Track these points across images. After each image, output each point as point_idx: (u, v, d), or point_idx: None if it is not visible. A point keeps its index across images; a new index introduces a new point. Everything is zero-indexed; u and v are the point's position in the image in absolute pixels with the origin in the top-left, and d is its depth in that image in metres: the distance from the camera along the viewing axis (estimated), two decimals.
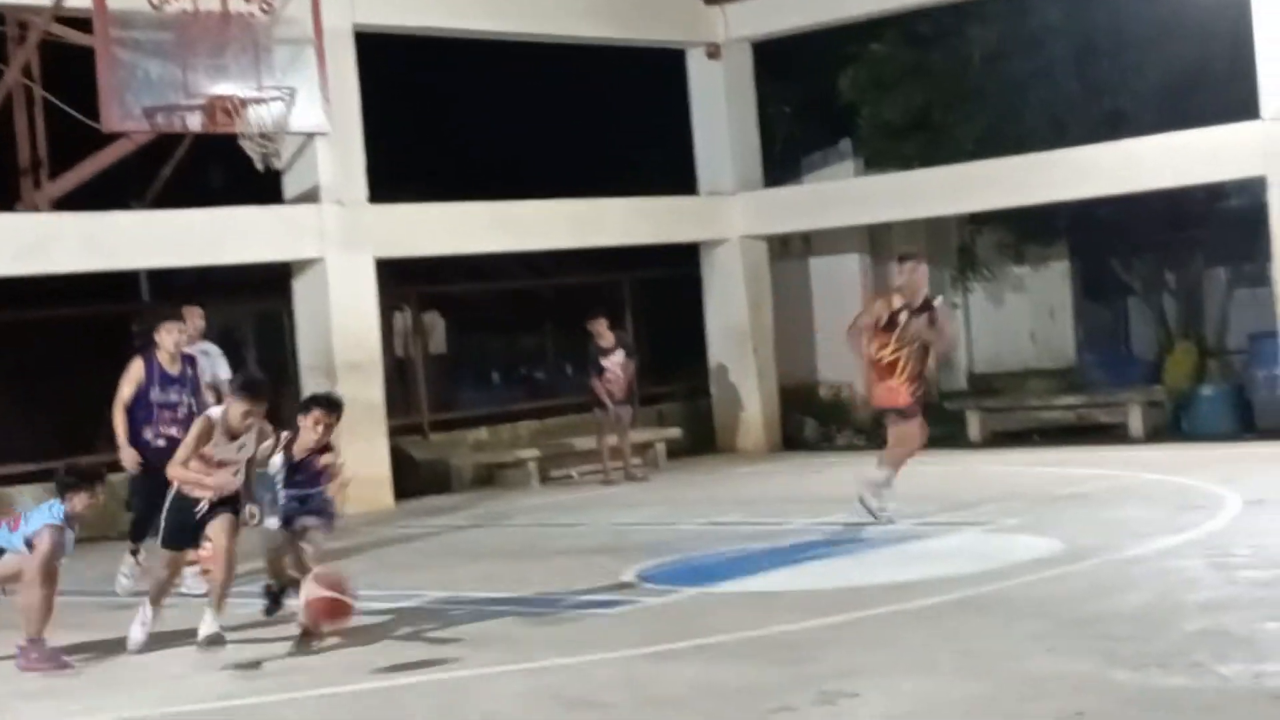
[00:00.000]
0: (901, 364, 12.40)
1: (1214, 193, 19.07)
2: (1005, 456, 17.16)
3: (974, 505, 13.21)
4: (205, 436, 9.19)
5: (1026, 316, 21.61)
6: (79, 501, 9.11)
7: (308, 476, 9.40)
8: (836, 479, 16.70)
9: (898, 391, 12.43)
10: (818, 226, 20.68)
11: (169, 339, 11.70)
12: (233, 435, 9.17)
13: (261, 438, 9.25)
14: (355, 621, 9.06)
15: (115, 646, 9.67)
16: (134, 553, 11.79)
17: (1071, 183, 17.86)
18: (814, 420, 21.00)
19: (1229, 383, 18.34)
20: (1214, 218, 19.71)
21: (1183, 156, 17.01)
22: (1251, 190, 17.57)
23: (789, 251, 21.69)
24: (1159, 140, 17.27)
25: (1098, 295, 21.92)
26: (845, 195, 20.27)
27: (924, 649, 7.97)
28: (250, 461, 9.32)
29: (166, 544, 9.51)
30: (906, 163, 20.22)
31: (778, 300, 20.85)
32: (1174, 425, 18.39)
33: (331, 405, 9.59)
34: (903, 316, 12.44)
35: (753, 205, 20.46)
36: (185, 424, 11.75)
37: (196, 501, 9.30)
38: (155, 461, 11.44)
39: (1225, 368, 19.02)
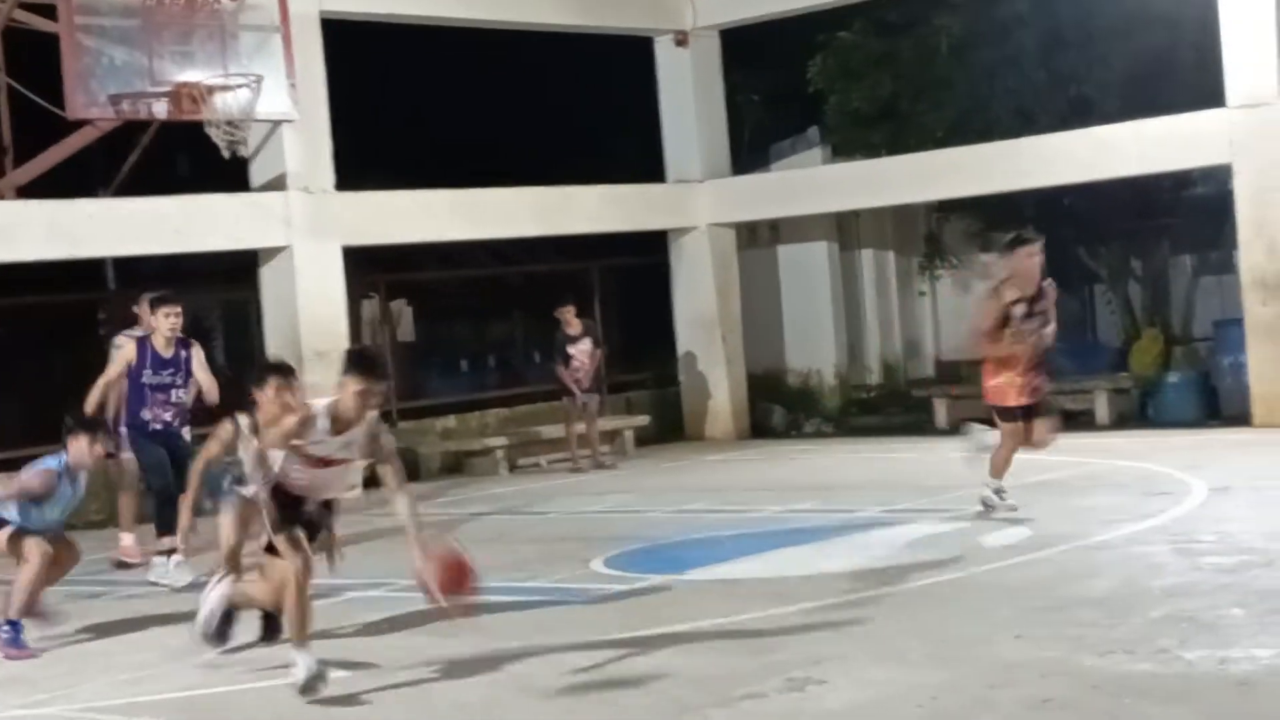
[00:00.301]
0: (1019, 356, 11.44)
1: (1180, 181, 19.16)
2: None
3: (941, 492, 13.25)
4: (300, 432, 7.68)
5: None
6: (76, 448, 9.17)
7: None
8: (804, 467, 16.75)
9: (1006, 391, 11.50)
10: (786, 214, 20.72)
11: (165, 322, 11.71)
12: (340, 428, 7.74)
13: (372, 434, 7.87)
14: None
15: (82, 634, 9.65)
16: (169, 552, 11.28)
17: (1038, 171, 17.92)
18: (782, 408, 21.04)
19: (1194, 370, 18.43)
20: (1180, 206, 19.80)
21: (1149, 144, 17.07)
22: (1217, 178, 17.66)
23: (757, 239, 21.73)
24: (1125, 128, 17.33)
25: (1064, 283, 21.84)
26: (813, 183, 20.30)
27: (892, 636, 8.00)
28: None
29: (277, 529, 7.93)
30: (874, 151, 20.28)
31: (746, 288, 20.87)
32: (1140, 412, 18.47)
33: (287, 370, 9.07)
34: (1019, 309, 11.39)
35: (721, 193, 20.47)
36: (179, 409, 11.76)
37: (300, 501, 7.95)
38: (157, 441, 11.47)
39: (1191, 355, 19.11)
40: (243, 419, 8.99)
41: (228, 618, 8.60)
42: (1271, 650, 7.09)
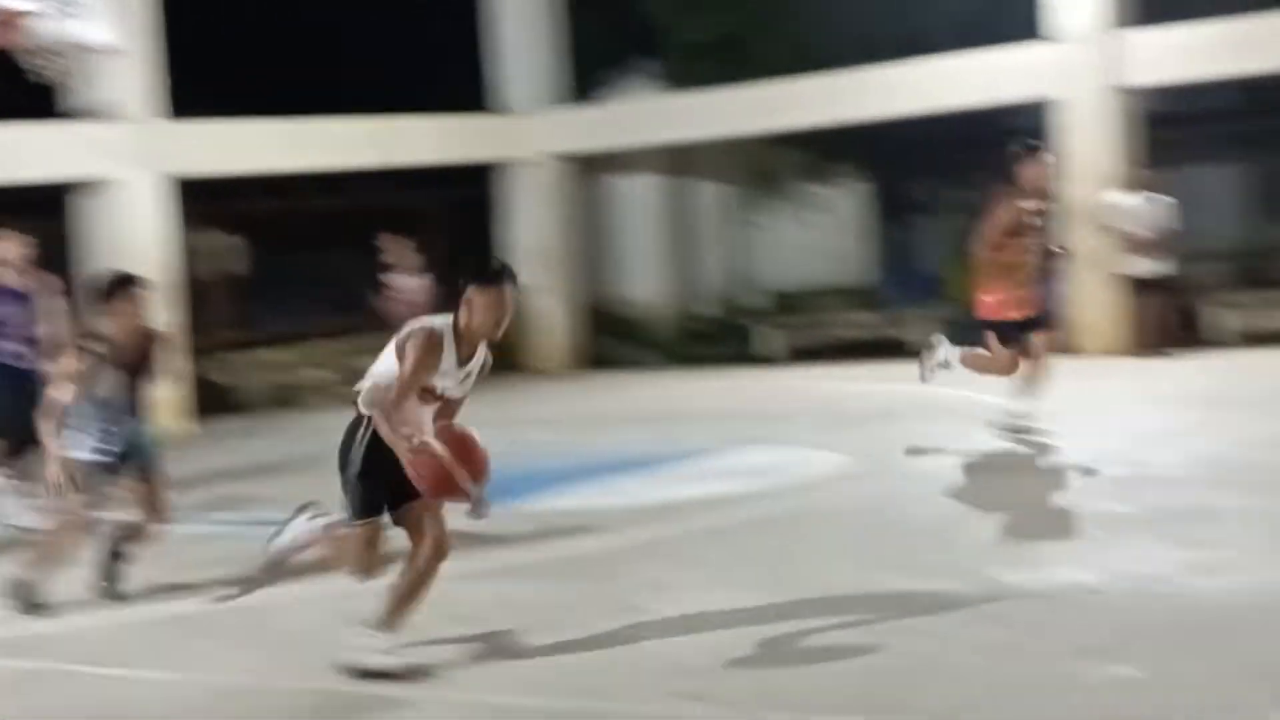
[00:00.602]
0: (1018, 269, 11.14)
1: (1010, 112, 19.44)
2: (805, 373, 17.41)
3: (774, 422, 13.37)
4: (432, 360, 6.45)
5: (828, 235, 21.86)
6: None
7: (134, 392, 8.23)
8: (639, 397, 16.83)
9: (1006, 305, 11.22)
10: (623, 145, 20.67)
11: (9, 251, 11.36)
12: (466, 353, 6.55)
13: (485, 362, 6.70)
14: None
15: None
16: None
17: (872, 102, 18.09)
18: (618, 339, 21.10)
19: None
20: (1010, 137, 20.07)
21: (980, 76, 17.32)
22: (1045, 110, 17.94)
23: (594, 170, 21.68)
24: (957, 60, 17.55)
25: (896, 214, 22.26)
26: (651, 114, 20.28)
27: (725, 564, 8.08)
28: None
29: (361, 514, 6.69)
30: (712, 82, 20.27)
31: (582, 219, 20.85)
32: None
33: (138, 281, 8.30)
34: (1035, 219, 11.15)
35: (557, 124, 20.38)
36: (33, 343, 11.32)
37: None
38: (10, 376, 11.08)
39: None
40: (95, 346, 8.12)
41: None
42: (1095, 573, 7.27)
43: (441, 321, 6.46)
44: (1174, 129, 18.34)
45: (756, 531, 8.95)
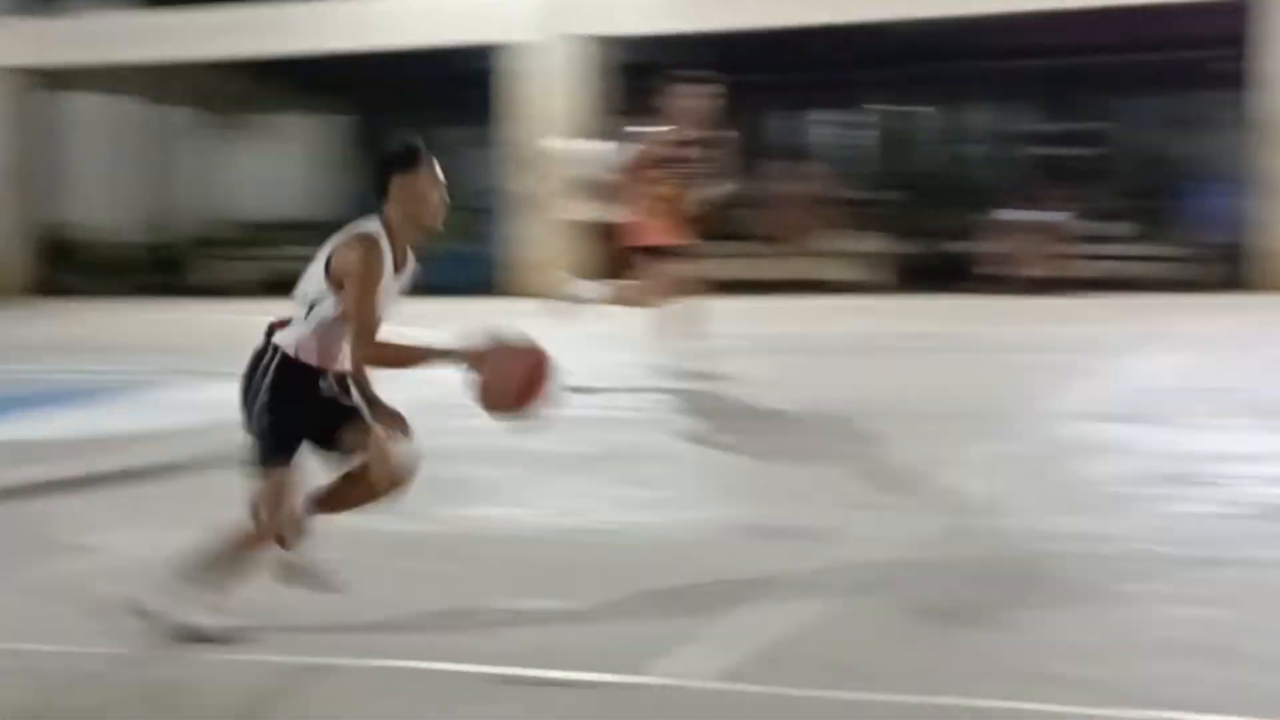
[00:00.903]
0: (669, 200, 10.89)
1: (483, 53, 19.63)
2: (269, 306, 17.14)
3: (229, 354, 13.08)
4: (380, 271, 5.40)
5: (300, 167, 21.60)
6: None
7: None
8: (96, 326, 16.22)
9: (647, 228, 10.93)
10: (86, 62, 19.76)
11: None
12: (400, 258, 5.50)
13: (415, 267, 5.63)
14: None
15: None
16: None
17: (337, 35, 17.99)
18: (75, 267, 20.28)
19: (477, 240, 19.02)
20: (481, 78, 20.28)
21: (443, 17, 17.46)
22: (515, 51, 18.17)
23: (54, 87, 20.66)
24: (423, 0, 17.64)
25: (371, 149, 22.17)
26: (118, 30, 19.46)
27: (168, 501, 7.85)
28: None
29: (269, 458, 5.58)
30: (190, 2, 19.61)
31: (37, 139, 19.87)
32: (428, 279, 18.87)
33: None
34: (687, 150, 10.83)
35: (9, 34, 19.33)
36: None
37: (319, 381, 5.62)
38: None
39: (469, 224, 19.71)
40: None
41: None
42: (537, 511, 7.41)
43: (376, 224, 5.41)
44: (647, 80, 18.89)
45: (202, 467, 8.70)
